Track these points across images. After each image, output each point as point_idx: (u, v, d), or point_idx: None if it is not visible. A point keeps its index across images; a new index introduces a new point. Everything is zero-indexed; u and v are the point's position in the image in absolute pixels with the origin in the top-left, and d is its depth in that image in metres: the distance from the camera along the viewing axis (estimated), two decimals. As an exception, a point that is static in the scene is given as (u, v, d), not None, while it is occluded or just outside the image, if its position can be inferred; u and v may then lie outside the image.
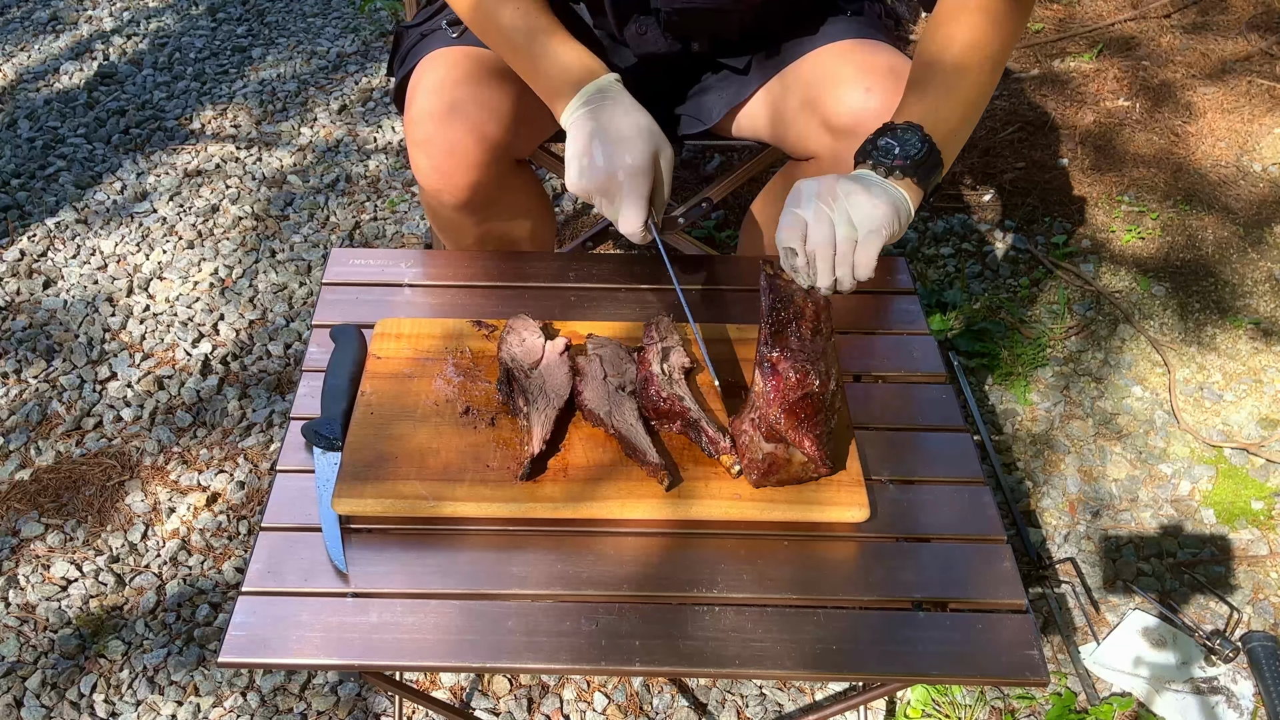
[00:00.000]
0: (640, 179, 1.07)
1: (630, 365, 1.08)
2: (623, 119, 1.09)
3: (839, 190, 0.98)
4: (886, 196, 0.99)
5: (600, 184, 1.08)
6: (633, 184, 1.07)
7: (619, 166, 1.07)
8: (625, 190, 1.07)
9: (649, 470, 0.98)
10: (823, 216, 0.97)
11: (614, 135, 1.07)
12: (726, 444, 0.99)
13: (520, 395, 1.05)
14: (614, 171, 1.07)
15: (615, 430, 1.01)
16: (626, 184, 1.07)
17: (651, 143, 1.09)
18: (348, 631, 0.90)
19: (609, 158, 1.07)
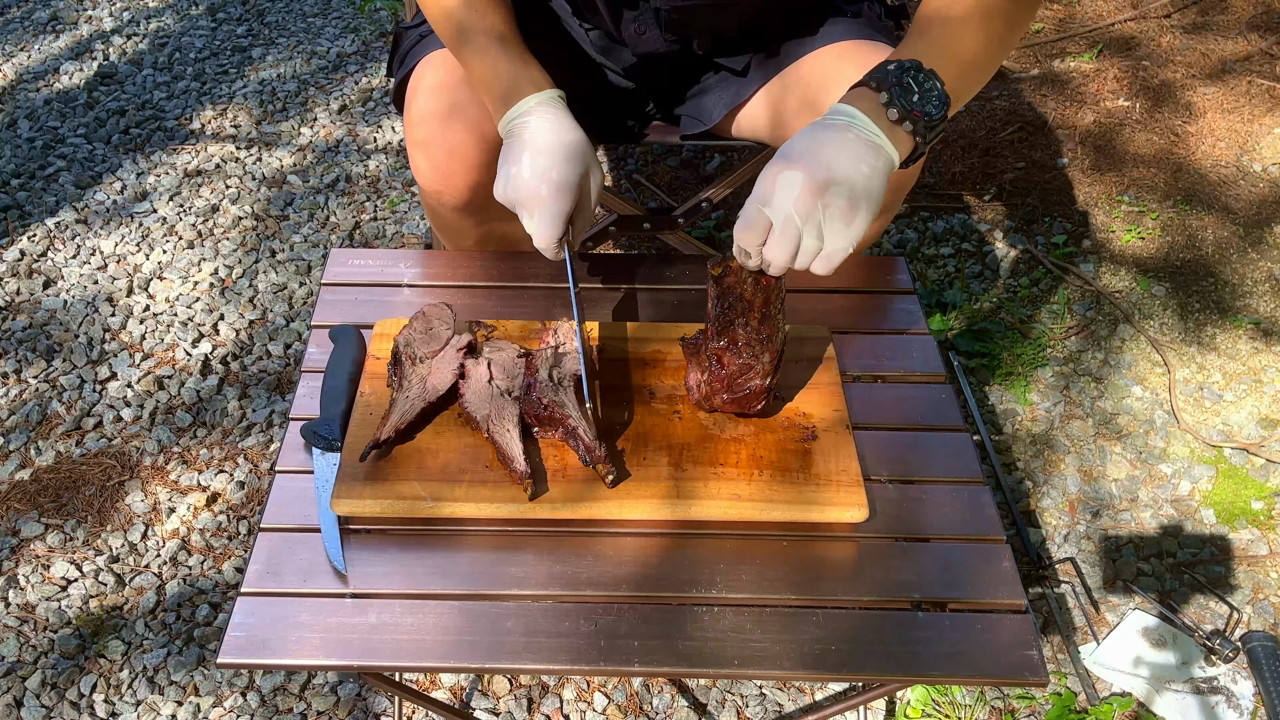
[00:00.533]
0: (562, 196, 1.06)
1: (522, 371, 1.07)
2: (554, 134, 1.08)
3: (819, 205, 0.90)
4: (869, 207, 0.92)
5: (522, 196, 1.07)
6: (554, 199, 1.06)
7: (543, 181, 1.06)
8: (545, 205, 1.06)
9: (515, 478, 0.98)
10: (790, 232, 0.91)
11: (543, 149, 1.07)
12: (602, 453, 0.98)
13: (400, 380, 1.05)
14: (537, 186, 1.06)
15: (489, 435, 1.01)
16: (549, 198, 1.06)
17: (581, 162, 1.08)
18: (347, 632, 0.90)
19: (535, 171, 1.06)
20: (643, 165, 2.39)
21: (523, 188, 1.06)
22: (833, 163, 0.91)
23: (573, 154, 1.08)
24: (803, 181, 0.90)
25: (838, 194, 0.90)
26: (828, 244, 0.92)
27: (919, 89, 0.94)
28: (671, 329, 1.16)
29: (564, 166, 1.07)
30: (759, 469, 1.00)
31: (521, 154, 1.07)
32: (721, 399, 1.02)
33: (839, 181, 0.91)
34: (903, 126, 0.94)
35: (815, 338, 1.14)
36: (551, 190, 1.06)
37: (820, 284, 1.26)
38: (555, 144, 1.08)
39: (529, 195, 1.06)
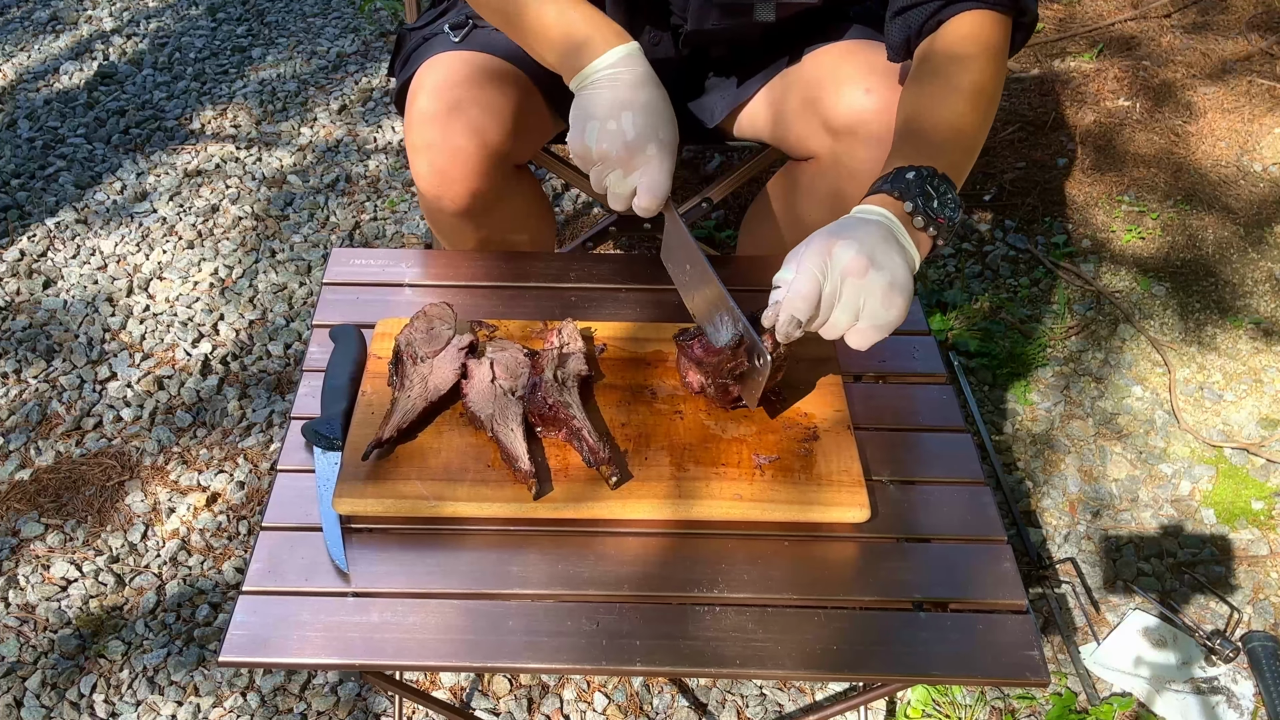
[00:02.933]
0: (670, 154, 1.04)
1: (527, 371, 1.07)
2: (656, 93, 1.05)
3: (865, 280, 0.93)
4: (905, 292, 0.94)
5: (623, 154, 1.03)
6: (663, 156, 1.04)
7: (652, 140, 1.03)
8: (656, 163, 1.03)
9: (519, 477, 0.98)
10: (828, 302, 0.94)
11: (645, 106, 1.03)
12: (606, 454, 0.98)
13: (401, 379, 1.05)
14: (646, 143, 1.03)
15: (493, 434, 1.01)
16: (658, 156, 1.03)
17: (675, 124, 1.06)
18: (348, 631, 0.90)
19: (640, 128, 1.03)
20: (643, 165, 2.39)
21: (625, 146, 1.03)
22: (874, 247, 0.94)
23: (671, 114, 1.06)
24: (851, 255, 0.93)
25: (880, 274, 0.93)
26: (864, 320, 0.95)
27: (938, 196, 0.98)
28: (672, 329, 1.16)
29: (668, 125, 1.04)
30: (760, 469, 1.00)
31: (619, 110, 1.03)
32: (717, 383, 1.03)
33: (879, 264, 0.93)
34: (926, 231, 0.98)
35: (816, 338, 1.14)
36: (659, 148, 1.03)
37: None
38: (657, 101, 1.04)
39: (633, 153, 1.03)
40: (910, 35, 1.15)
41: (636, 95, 1.04)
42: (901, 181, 0.99)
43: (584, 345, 1.09)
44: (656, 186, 1.04)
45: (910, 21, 1.13)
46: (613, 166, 1.05)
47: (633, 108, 1.03)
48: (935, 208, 0.98)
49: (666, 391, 1.09)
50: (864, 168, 1.25)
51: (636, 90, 1.04)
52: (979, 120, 1.07)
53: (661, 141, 1.04)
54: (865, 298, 0.93)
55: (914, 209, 0.97)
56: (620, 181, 1.05)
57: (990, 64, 1.08)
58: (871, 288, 0.93)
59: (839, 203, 1.31)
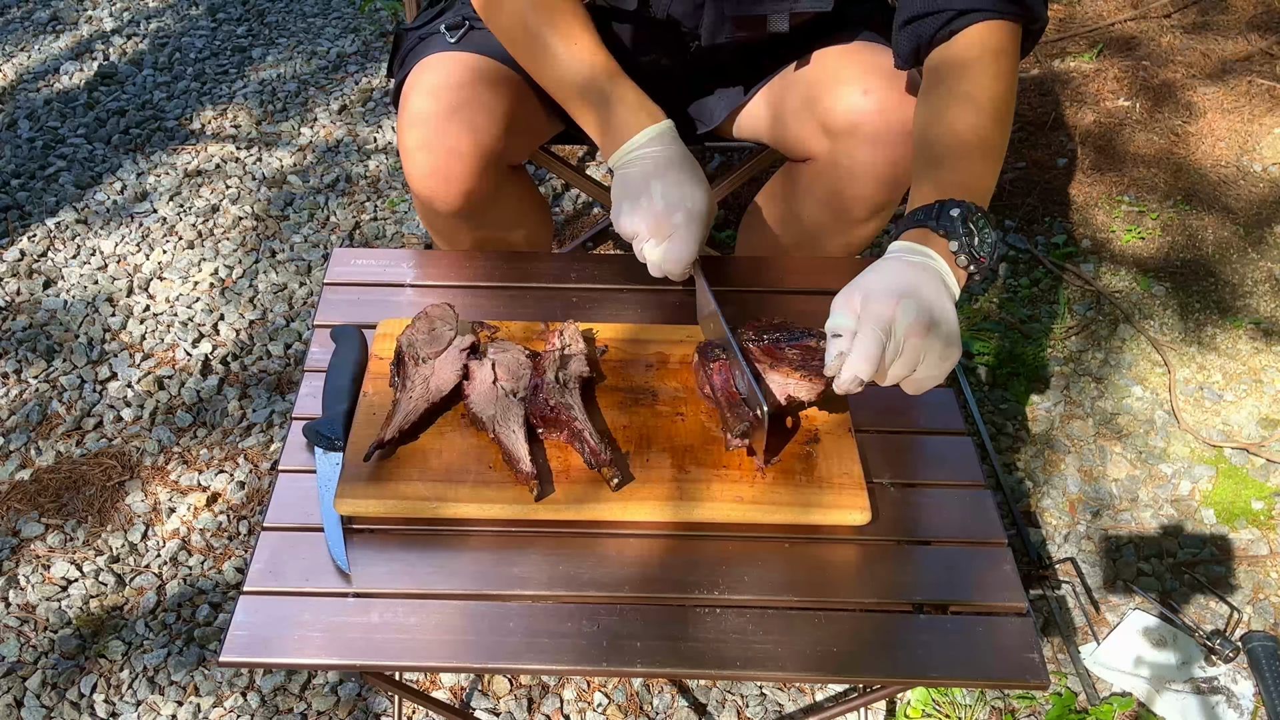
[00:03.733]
0: (698, 224, 1.11)
1: (528, 372, 1.07)
2: (685, 166, 1.13)
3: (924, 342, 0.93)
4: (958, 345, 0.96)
5: (653, 224, 1.10)
6: (690, 226, 1.10)
7: (679, 209, 1.10)
8: (682, 231, 1.10)
9: (520, 479, 0.98)
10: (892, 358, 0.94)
11: (676, 179, 1.11)
12: (607, 456, 0.98)
13: (403, 380, 1.06)
14: (672, 213, 1.09)
15: (495, 436, 1.01)
16: (684, 225, 1.10)
17: (708, 193, 1.13)
18: (349, 631, 0.90)
19: (669, 200, 1.10)
20: (643, 165, 2.39)
21: (654, 216, 1.10)
22: (933, 302, 0.95)
23: (703, 183, 1.13)
24: (914, 315, 0.93)
25: (941, 330, 0.94)
26: (922, 371, 0.95)
27: (978, 233, 0.99)
28: (672, 330, 1.16)
29: (696, 196, 1.11)
30: (762, 471, 1.01)
31: (649, 184, 1.11)
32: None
33: (939, 320, 0.94)
34: (967, 270, 1.00)
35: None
36: (686, 218, 1.10)
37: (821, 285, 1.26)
38: (684, 173, 1.12)
39: (661, 223, 1.10)
40: (920, 45, 1.15)
41: (665, 170, 1.12)
42: (947, 220, 0.99)
43: (585, 346, 1.09)
44: (680, 253, 1.10)
45: (921, 32, 1.13)
46: (646, 238, 1.11)
47: (662, 180, 1.11)
48: (977, 246, 0.99)
49: (668, 393, 1.09)
50: (862, 168, 1.25)
51: (665, 166, 1.12)
52: (1002, 134, 1.08)
53: (689, 211, 1.10)
54: (925, 354, 0.94)
55: (959, 248, 0.98)
56: (653, 251, 1.12)
57: (1006, 74, 1.09)
58: (932, 346, 0.94)
59: (838, 203, 1.31)
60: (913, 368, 0.95)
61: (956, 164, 1.05)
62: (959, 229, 0.99)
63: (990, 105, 1.07)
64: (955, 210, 0.99)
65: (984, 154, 1.06)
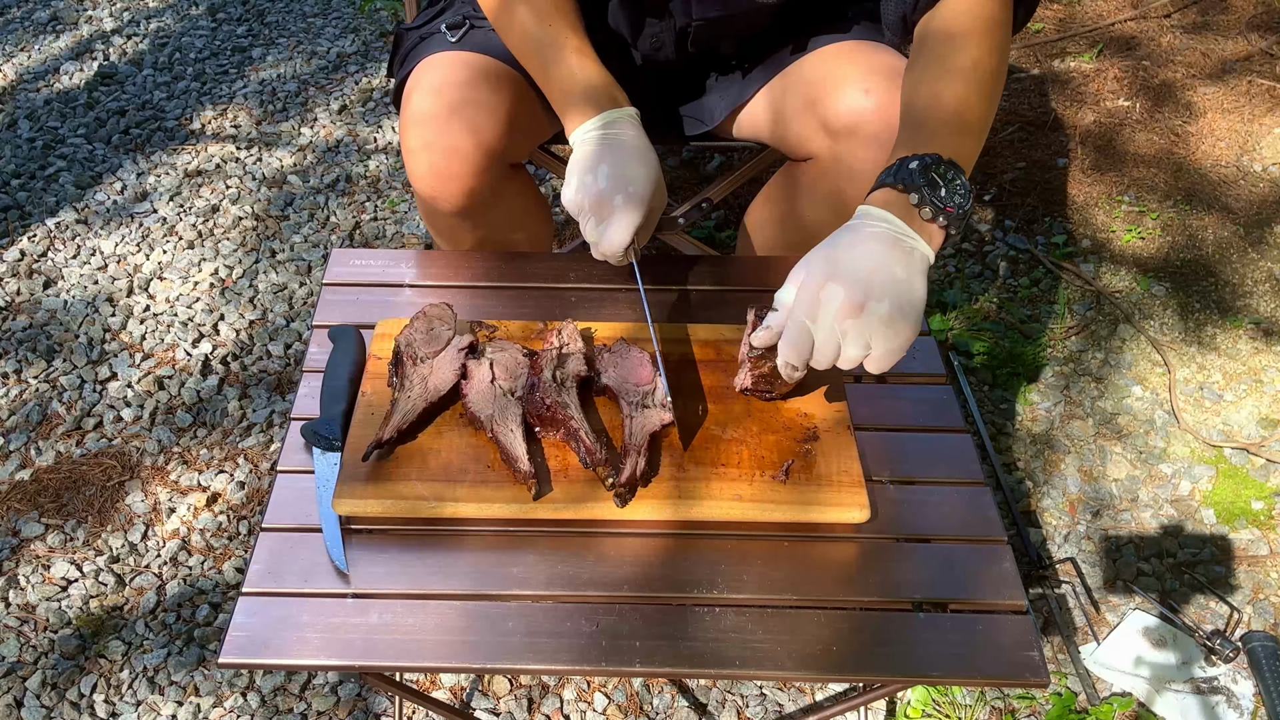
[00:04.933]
0: (636, 207, 1.10)
1: (526, 371, 1.07)
2: (634, 151, 1.12)
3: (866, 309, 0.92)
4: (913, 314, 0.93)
5: (594, 203, 1.10)
6: (627, 208, 1.09)
7: (619, 191, 1.09)
8: (618, 213, 1.09)
9: (519, 478, 0.98)
10: (832, 346, 0.94)
11: (622, 162, 1.10)
12: (602, 455, 0.98)
13: (401, 380, 1.06)
14: (613, 195, 1.09)
15: (493, 435, 1.01)
16: (621, 208, 1.09)
17: (653, 182, 1.12)
18: (348, 632, 0.90)
19: (611, 181, 1.09)
20: (643, 165, 2.39)
21: (598, 195, 1.09)
22: (871, 277, 0.93)
23: (650, 170, 1.12)
24: (842, 298, 0.92)
25: (877, 307, 0.92)
26: (876, 348, 0.94)
27: (945, 184, 0.96)
28: (672, 329, 1.16)
29: (641, 180, 1.10)
30: (760, 470, 1.00)
31: (599, 164, 1.10)
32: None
33: (877, 296, 0.92)
34: (936, 223, 0.96)
35: None
36: (626, 200, 1.09)
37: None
38: (634, 158, 1.11)
39: (602, 203, 1.10)
40: (906, 12, 1.15)
41: (613, 152, 1.11)
42: (905, 173, 0.96)
43: (584, 346, 1.09)
44: (614, 236, 1.10)
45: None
46: (588, 216, 1.11)
47: (609, 162, 1.10)
48: (943, 196, 0.95)
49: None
50: (863, 168, 1.25)
51: (616, 148, 1.12)
52: (983, 100, 1.05)
53: (629, 194, 1.09)
54: (870, 332, 0.93)
55: (920, 200, 0.95)
56: (593, 230, 1.12)
57: (991, 41, 1.07)
58: (872, 322, 0.92)
59: (839, 203, 1.31)
60: (864, 345, 0.93)
61: (932, 130, 1.02)
62: (918, 180, 0.95)
63: (972, 74, 1.04)
64: (914, 163, 0.96)
65: (962, 123, 1.02)
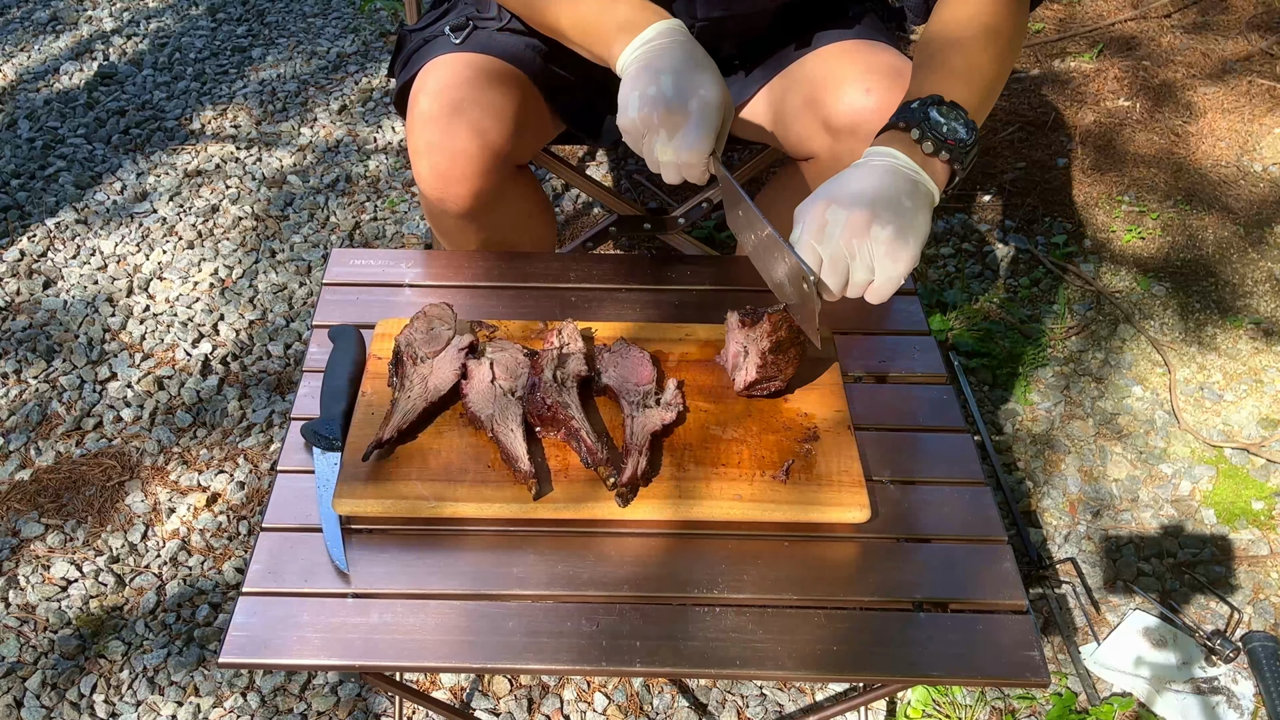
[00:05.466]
0: (713, 112, 1.01)
1: (526, 371, 1.07)
2: (696, 56, 1.04)
3: (868, 234, 0.93)
4: (917, 236, 0.95)
5: (665, 114, 1.01)
6: (704, 114, 1.01)
7: (690, 96, 1.01)
8: (696, 119, 1.01)
9: (519, 478, 0.98)
10: (840, 265, 0.95)
11: (688, 68, 1.02)
12: (604, 455, 0.98)
13: (401, 379, 1.06)
14: (685, 101, 1.01)
15: (493, 435, 1.01)
16: (698, 113, 1.01)
17: (722, 87, 1.04)
18: (348, 632, 0.90)
19: (680, 89, 1.01)
20: (642, 165, 2.39)
21: (667, 106, 1.01)
22: (876, 199, 0.95)
23: (716, 74, 1.04)
24: (848, 217, 0.94)
25: (882, 228, 0.94)
26: (878, 276, 0.95)
27: (945, 119, 0.98)
28: (673, 329, 1.16)
29: (711, 84, 1.02)
30: (761, 469, 1.01)
31: (658, 75, 1.02)
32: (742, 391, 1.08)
33: (883, 217, 0.94)
34: (939, 157, 0.98)
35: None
36: (700, 105, 1.01)
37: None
38: (698, 63, 1.04)
39: (673, 113, 1.01)
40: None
41: (674, 60, 1.03)
42: (905, 111, 0.99)
43: (584, 346, 1.09)
44: (696, 142, 1.01)
45: None
46: (655, 131, 1.02)
47: (671, 71, 1.02)
48: (944, 131, 0.98)
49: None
50: (864, 167, 1.25)
51: (674, 55, 1.04)
52: (993, 59, 1.06)
53: (702, 98, 1.01)
54: (873, 255, 0.94)
55: (921, 135, 0.98)
56: (664, 146, 1.03)
57: (1005, 9, 1.08)
58: (876, 245, 0.94)
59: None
60: (866, 272, 0.95)
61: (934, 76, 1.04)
62: (917, 115, 0.98)
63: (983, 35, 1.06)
64: (915, 104, 0.99)
65: (968, 76, 1.04)
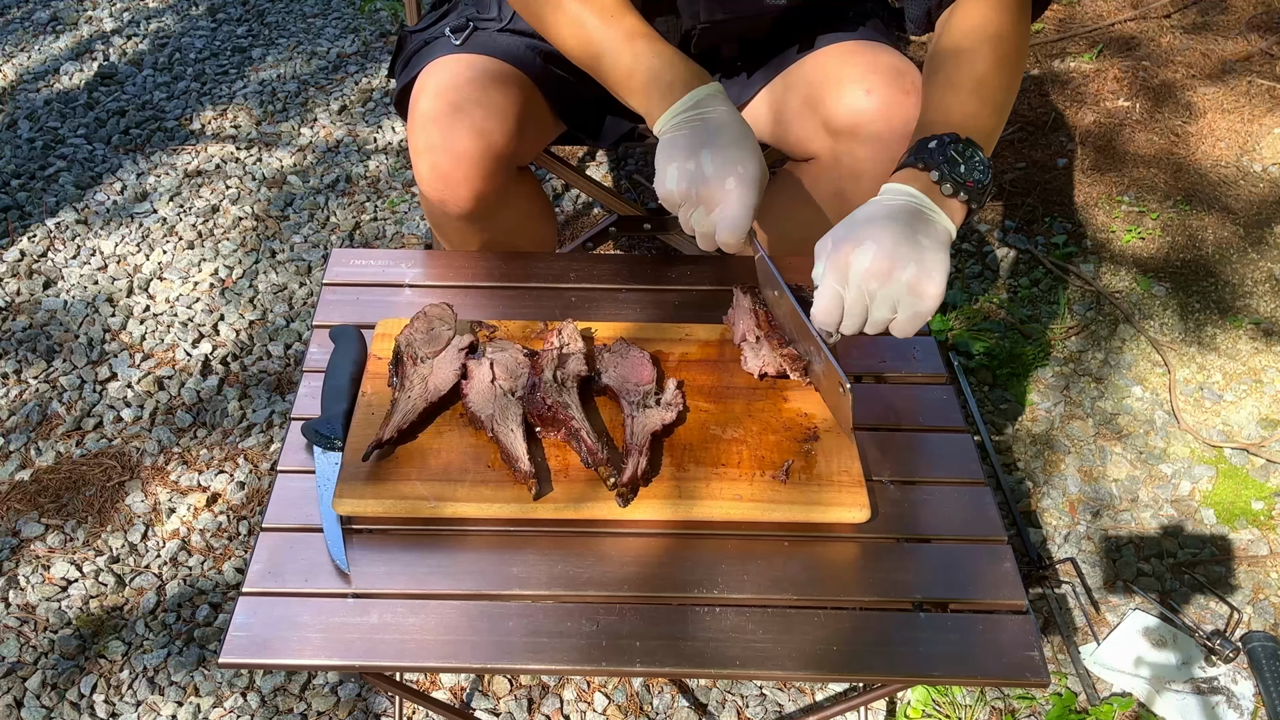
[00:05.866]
0: (751, 189, 1.03)
1: (527, 371, 1.07)
2: (734, 130, 1.05)
3: (891, 277, 0.95)
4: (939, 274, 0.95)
5: (705, 191, 1.03)
6: (743, 191, 1.02)
7: (729, 174, 1.02)
8: (732, 197, 1.02)
9: (519, 478, 0.98)
10: (861, 309, 0.97)
11: (726, 144, 1.04)
12: (604, 455, 0.98)
13: (401, 379, 1.06)
14: (723, 179, 1.02)
15: (493, 435, 1.01)
16: (737, 191, 1.02)
17: (760, 161, 1.05)
18: (348, 632, 0.90)
19: (720, 165, 1.02)
20: (643, 165, 2.39)
21: (705, 183, 1.03)
22: (896, 243, 0.95)
23: (754, 148, 1.05)
24: (869, 263, 0.95)
25: (904, 269, 0.95)
26: (901, 313, 0.97)
27: (964, 160, 0.99)
28: (673, 329, 1.16)
29: (749, 161, 1.04)
30: (761, 469, 1.01)
31: (700, 149, 1.03)
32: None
33: (903, 262, 0.95)
34: (957, 198, 0.99)
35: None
36: (738, 183, 1.02)
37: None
38: (737, 138, 1.04)
39: (712, 190, 1.02)
40: (930, 6, 1.16)
41: (716, 135, 1.04)
42: (924, 152, 1.00)
43: (584, 346, 1.09)
44: (735, 221, 1.02)
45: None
46: (694, 205, 1.04)
47: (711, 146, 1.03)
48: (962, 173, 0.99)
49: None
50: (865, 168, 1.25)
51: (716, 130, 1.04)
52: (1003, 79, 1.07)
53: (741, 176, 1.02)
54: (897, 295, 0.96)
55: (940, 177, 0.99)
56: (703, 220, 1.04)
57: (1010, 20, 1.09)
58: (899, 285, 0.95)
59: (840, 203, 1.31)
60: (891, 308, 0.96)
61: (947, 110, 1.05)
62: (937, 158, 0.99)
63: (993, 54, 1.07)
64: (933, 143, 1.00)
65: (979, 94, 1.05)
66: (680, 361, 1.12)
